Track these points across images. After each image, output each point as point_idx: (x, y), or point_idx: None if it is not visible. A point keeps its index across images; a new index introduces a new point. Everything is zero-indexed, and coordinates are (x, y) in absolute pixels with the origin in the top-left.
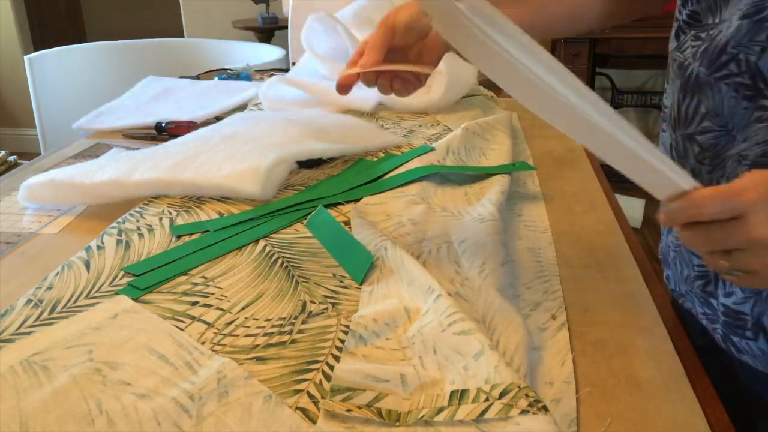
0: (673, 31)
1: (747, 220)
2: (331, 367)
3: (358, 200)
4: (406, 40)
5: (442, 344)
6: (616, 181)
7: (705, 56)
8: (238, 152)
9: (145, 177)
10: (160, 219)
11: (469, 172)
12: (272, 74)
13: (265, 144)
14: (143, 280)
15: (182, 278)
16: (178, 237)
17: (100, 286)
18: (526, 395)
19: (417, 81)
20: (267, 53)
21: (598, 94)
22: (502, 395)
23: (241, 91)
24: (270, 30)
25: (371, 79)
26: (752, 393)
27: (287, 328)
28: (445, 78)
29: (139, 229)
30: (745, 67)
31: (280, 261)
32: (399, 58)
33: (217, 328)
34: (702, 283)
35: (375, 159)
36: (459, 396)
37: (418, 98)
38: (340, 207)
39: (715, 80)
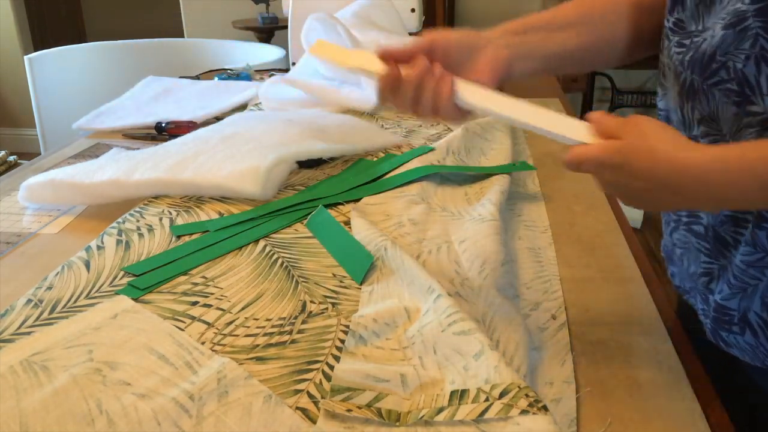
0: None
1: (598, 181)
2: (331, 367)
3: (358, 200)
4: (451, 58)
5: (442, 344)
6: None
7: (695, 64)
8: (238, 152)
9: (145, 177)
10: (160, 219)
11: (469, 172)
12: (272, 74)
13: (265, 144)
14: (143, 280)
15: (182, 278)
16: (178, 237)
17: (100, 286)
18: (526, 395)
19: (461, 114)
20: (267, 53)
21: (599, 94)
22: (502, 395)
23: (241, 91)
24: (270, 30)
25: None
26: (754, 384)
27: (287, 328)
28: None
29: (139, 229)
30: (733, 74)
31: (280, 261)
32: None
33: (217, 328)
34: (706, 280)
35: (375, 159)
36: (459, 396)
37: None
38: (340, 207)
39: (708, 87)
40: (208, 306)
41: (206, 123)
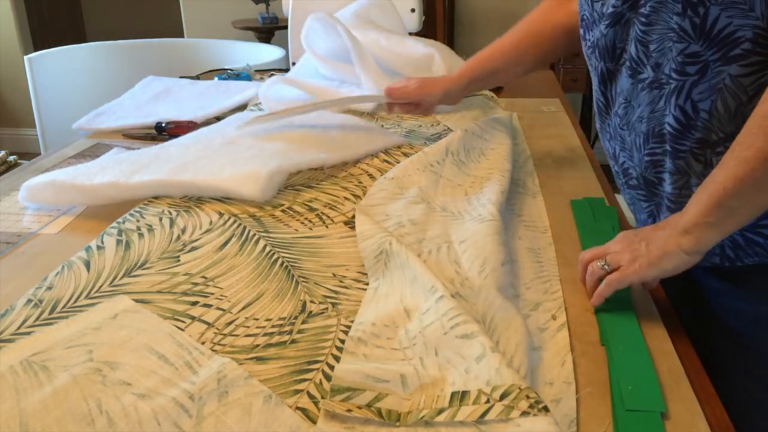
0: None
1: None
2: (331, 367)
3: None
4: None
5: (444, 347)
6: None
7: (604, 56)
8: (241, 157)
9: (145, 179)
10: (160, 219)
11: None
12: (272, 74)
13: (267, 152)
14: None
15: (182, 278)
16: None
17: (100, 286)
18: (527, 396)
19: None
20: (267, 53)
21: None
22: (503, 397)
23: (241, 91)
24: (270, 30)
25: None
26: (726, 330)
27: (287, 328)
28: None
29: (139, 229)
30: (627, 57)
31: (280, 261)
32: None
33: (217, 328)
34: (651, 221)
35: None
36: (460, 397)
37: None
38: (340, 207)
39: (618, 68)
40: (208, 306)
41: (206, 123)
